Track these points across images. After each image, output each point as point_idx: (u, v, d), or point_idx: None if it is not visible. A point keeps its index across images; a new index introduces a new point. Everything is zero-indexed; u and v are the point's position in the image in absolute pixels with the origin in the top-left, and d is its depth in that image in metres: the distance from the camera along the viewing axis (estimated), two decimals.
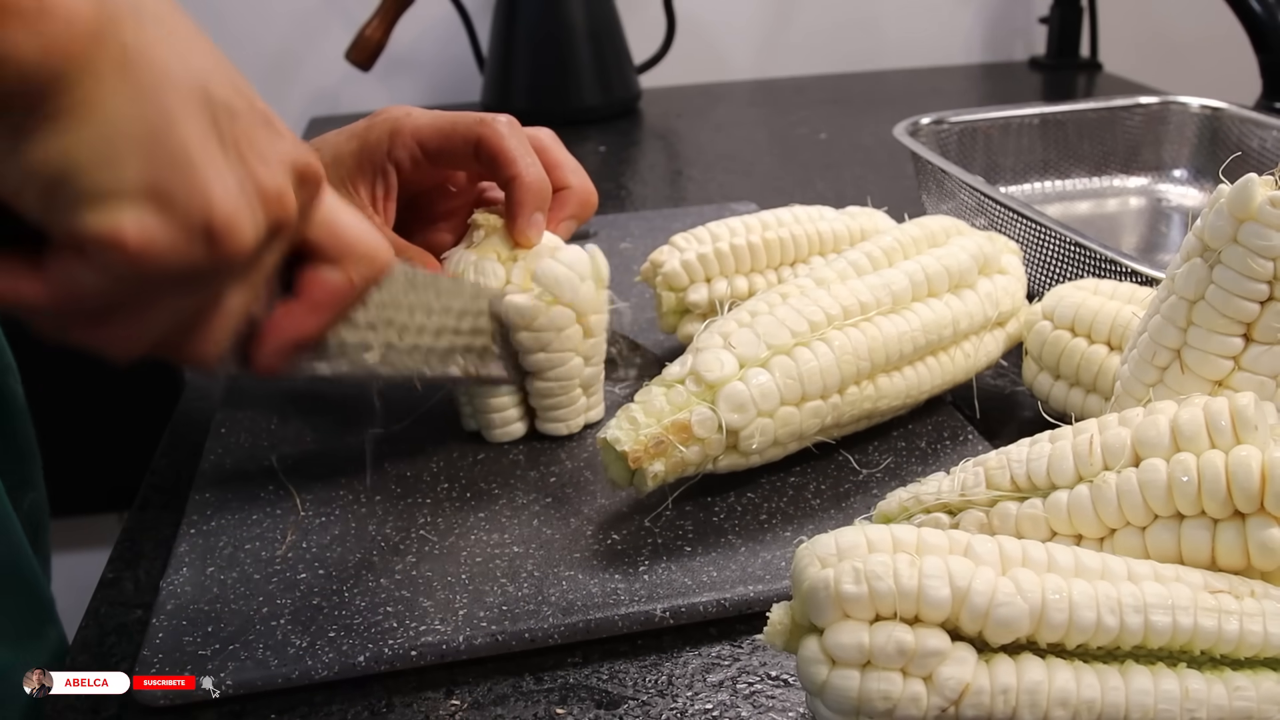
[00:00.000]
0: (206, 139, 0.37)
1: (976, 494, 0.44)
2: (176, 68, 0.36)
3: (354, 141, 0.61)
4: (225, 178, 0.37)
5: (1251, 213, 0.43)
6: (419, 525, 0.55)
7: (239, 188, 0.38)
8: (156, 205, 0.36)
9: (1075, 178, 1.02)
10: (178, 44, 0.37)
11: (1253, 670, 0.37)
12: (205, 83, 0.37)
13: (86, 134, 0.35)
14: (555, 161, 0.62)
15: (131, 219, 0.35)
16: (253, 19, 1.47)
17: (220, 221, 0.37)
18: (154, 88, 0.36)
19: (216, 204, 0.37)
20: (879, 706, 0.35)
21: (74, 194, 0.35)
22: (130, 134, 0.35)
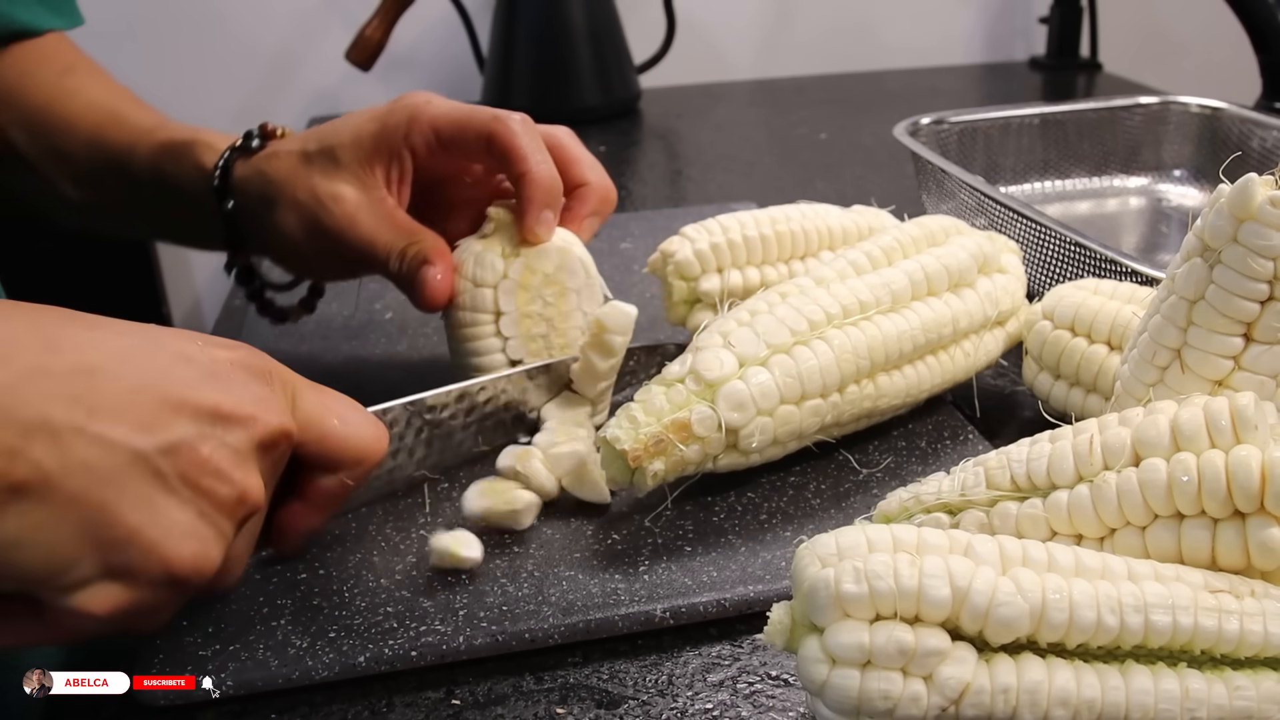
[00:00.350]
0: (150, 500, 0.38)
1: (977, 494, 0.44)
2: (98, 455, 0.37)
3: (374, 124, 0.62)
4: (177, 525, 0.39)
5: (1251, 212, 0.43)
6: (419, 525, 0.55)
7: (196, 521, 0.40)
8: (118, 580, 0.39)
9: (1075, 178, 1.02)
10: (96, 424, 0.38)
11: (1253, 670, 0.37)
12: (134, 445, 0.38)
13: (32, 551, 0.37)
14: (572, 158, 0.63)
15: (98, 597, 0.38)
16: (253, 19, 1.47)
17: (181, 569, 0.39)
18: (81, 492, 0.37)
19: (172, 558, 0.39)
20: (879, 706, 0.35)
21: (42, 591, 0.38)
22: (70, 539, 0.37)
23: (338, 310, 0.80)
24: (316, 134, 0.64)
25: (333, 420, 0.47)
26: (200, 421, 0.40)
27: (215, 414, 0.40)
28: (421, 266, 0.60)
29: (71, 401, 0.37)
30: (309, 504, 0.48)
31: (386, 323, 0.78)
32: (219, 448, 0.40)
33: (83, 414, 0.37)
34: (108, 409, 0.38)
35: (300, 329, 0.77)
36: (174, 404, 0.39)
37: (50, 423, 0.37)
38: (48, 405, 0.37)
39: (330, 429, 0.47)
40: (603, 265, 0.86)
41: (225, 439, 0.40)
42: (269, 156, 0.64)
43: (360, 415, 0.49)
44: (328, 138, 0.63)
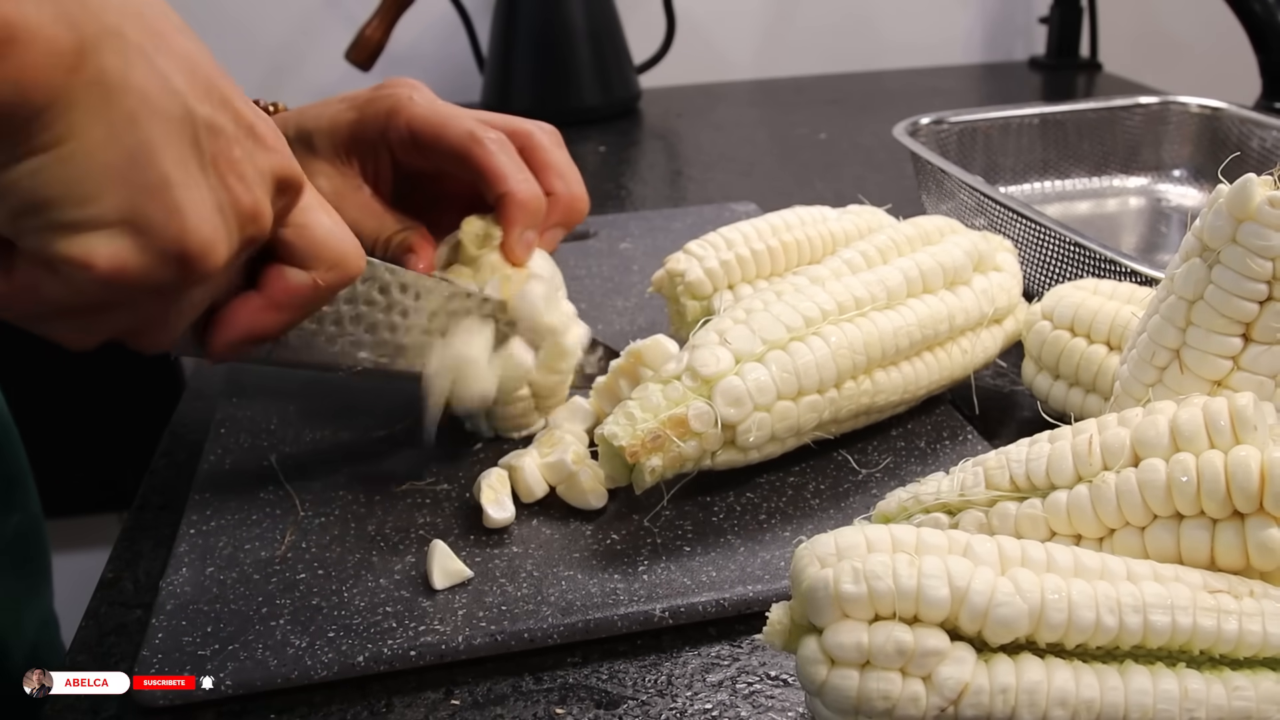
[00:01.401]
0: (186, 163, 0.37)
1: (976, 494, 0.44)
2: (157, 91, 0.36)
3: (352, 113, 0.60)
4: (202, 202, 0.38)
5: (1250, 213, 0.43)
6: (418, 525, 0.55)
7: (216, 209, 0.39)
8: (132, 233, 0.37)
9: (1075, 178, 1.02)
10: (162, 62, 0.37)
11: (1251, 670, 0.37)
12: (188, 102, 0.37)
13: (65, 167, 0.35)
14: (543, 164, 0.61)
15: (104, 246, 0.36)
16: (253, 18, 1.47)
17: (195, 247, 0.38)
18: (133, 117, 0.36)
19: (191, 230, 0.37)
20: (878, 706, 0.35)
21: (47, 222, 0.35)
22: (108, 166, 0.35)
23: None
24: (296, 118, 0.62)
25: (323, 214, 0.46)
26: (240, 127, 0.40)
27: (251, 130, 0.40)
28: (405, 255, 0.59)
29: (147, 29, 0.37)
30: (267, 297, 0.46)
31: None
32: (247, 158, 0.40)
33: (154, 44, 0.37)
34: (175, 58, 0.37)
35: None
36: (224, 97, 0.39)
37: (124, 35, 0.36)
38: (125, 21, 0.36)
39: (319, 219, 0.45)
40: (603, 265, 0.86)
41: (254, 155, 0.40)
42: None
43: (347, 229, 0.47)
44: (306, 123, 0.61)
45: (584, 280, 0.83)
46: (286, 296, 0.46)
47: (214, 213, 0.39)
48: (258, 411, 0.66)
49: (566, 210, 0.61)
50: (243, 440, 0.63)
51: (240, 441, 0.63)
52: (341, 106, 0.61)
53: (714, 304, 0.65)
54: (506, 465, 0.57)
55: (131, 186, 0.36)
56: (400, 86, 0.61)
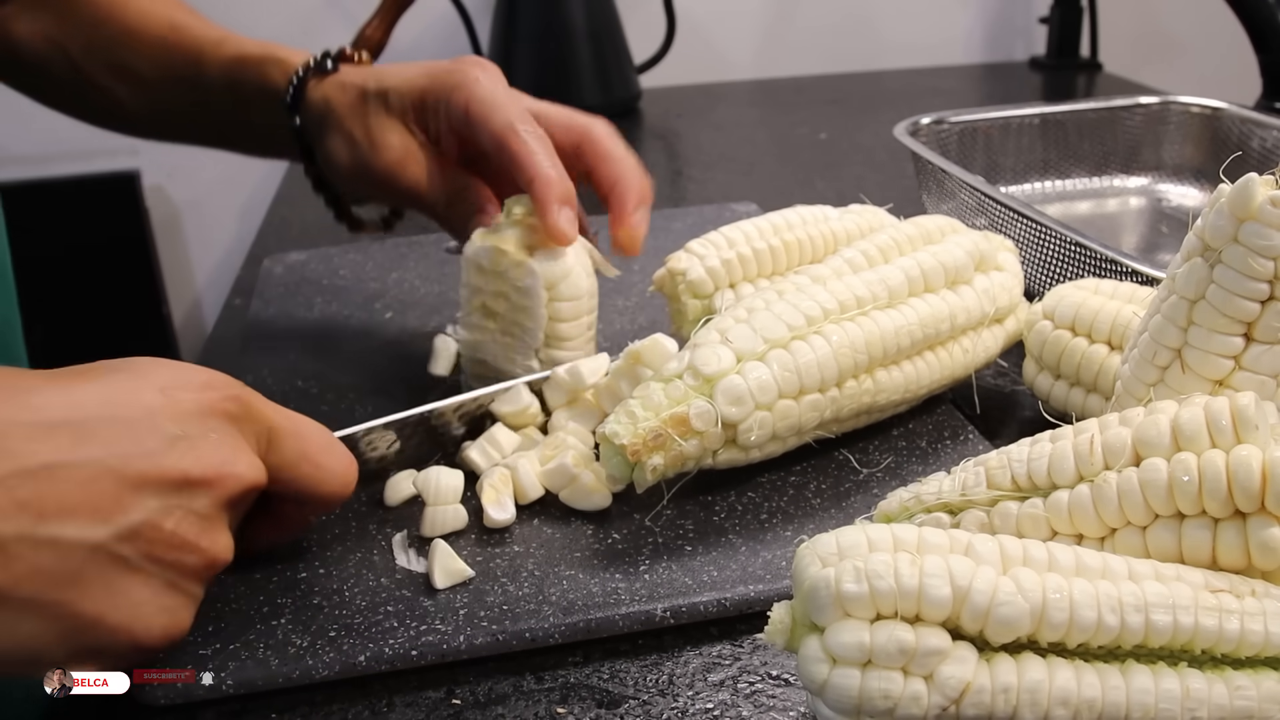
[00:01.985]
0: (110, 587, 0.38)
1: (977, 493, 0.44)
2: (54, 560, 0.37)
3: (423, 80, 0.64)
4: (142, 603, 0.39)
5: (1252, 212, 0.43)
6: (419, 525, 0.55)
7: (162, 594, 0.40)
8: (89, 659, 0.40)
9: (1075, 178, 1.02)
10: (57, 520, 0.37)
11: (1254, 669, 0.37)
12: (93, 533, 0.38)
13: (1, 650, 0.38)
14: (603, 154, 0.65)
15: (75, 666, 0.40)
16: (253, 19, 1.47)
17: (150, 643, 0.40)
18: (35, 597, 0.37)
19: (140, 635, 0.40)
20: (880, 705, 0.35)
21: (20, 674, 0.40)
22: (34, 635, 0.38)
23: (337, 310, 0.80)
24: (379, 73, 0.66)
25: (305, 467, 0.46)
26: (165, 494, 0.39)
27: (181, 482, 0.40)
28: (474, 215, 0.63)
29: (18, 510, 0.36)
30: (277, 524, 0.50)
31: (386, 322, 0.78)
32: (184, 517, 0.40)
33: (30, 521, 0.37)
34: (59, 508, 0.37)
35: (299, 328, 0.77)
36: (135, 483, 0.39)
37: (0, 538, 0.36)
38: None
39: (303, 474, 0.46)
40: None
41: (191, 505, 0.40)
42: (337, 84, 0.66)
43: (331, 456, 0.48)
44: (387, 80, 0.65)
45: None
46: (292, 522, 0.50)
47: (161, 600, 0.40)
48: None
49: (640, 192, 0.65)
50: None
51: None
52: (416, 72, 0.65)
53: (715, 303, 0.65)
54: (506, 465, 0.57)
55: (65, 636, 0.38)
56: (473, 66, 0.64)
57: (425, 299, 0.81)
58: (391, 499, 0.56)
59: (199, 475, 0.40)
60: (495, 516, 0.54)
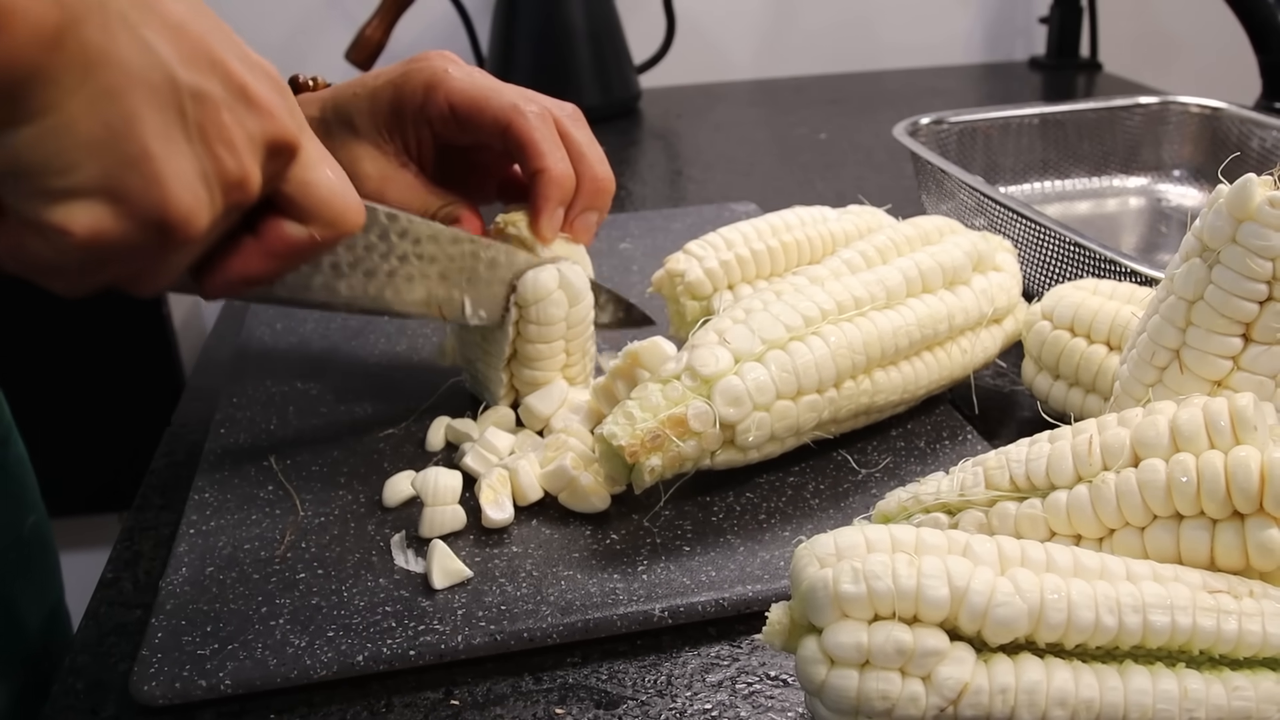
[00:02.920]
0: (168, 132, 0.38)
1: (975, 494, 0.44)
2: (139, 63, 0.37)
3: (389, 89, 0.60)
4: (184, 171, 0.38)
5: (1250, 213, 0.43)
6: (418, 525, 0.55)
7: (199, 178, 0.39)
8: (111, 202, 0.37)
9: (1075, 178, 1.02)
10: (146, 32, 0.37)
11: (1251, 670, 0.37)
12: (172, 71, 0.38)
13: (45, 139, 0.36)
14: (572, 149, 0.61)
15: (83, 214, 0.37)
16: (253, 18, 1.47)
17: (175, 216, 0.38)
18: (113, 90, 0.36)
19: (172, 200, 0.38)
20: (878, 706, 0.35)
21: (30, 189, 0.36)
22: (89, 137, 0.36)
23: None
24: (334, 98, 0.62)
25: (326, 170, 0.46)
26: (230, 91, 0.40)
27: (243, 92, 0.40)
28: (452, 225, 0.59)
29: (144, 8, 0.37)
30: (263, 246, 0.46)
31: (386, 323, 0.78)
32: (237, 124, 0.40)
33: (139, 13, 0.37)
34: (162, 28, 0.38)
35: (300, 329, 0.77)
36: (214, 60, 0.39)
37: (108, 8, 0.36)
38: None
39: (320, 176, 0.45)
40: (602, 265, 0.86)
41: (244, 120, 0.40)
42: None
43: (349, 184, 0.47)
44: (345, 103, 0.61)
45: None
46: (283, 247, 0.46)
47: (196, 181, 0.39)
48: (258, 412, 0.66)
49: (592, 193, 0.62)
50: (243, 440, 0.63)
51: (240, 442, 0.63)
52: (378, 84, 0.61)
53: (714, 304, 0.65)
54: (505, 466, 0.57)
55: (111, 158, 0.37)
56: (434, 59, 0.61)
57: None
58: (390, 500, 0.56)
59: (257, 97, 0.41)
60: (493, 517, 0.54)
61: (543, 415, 0.61)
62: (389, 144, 0.61)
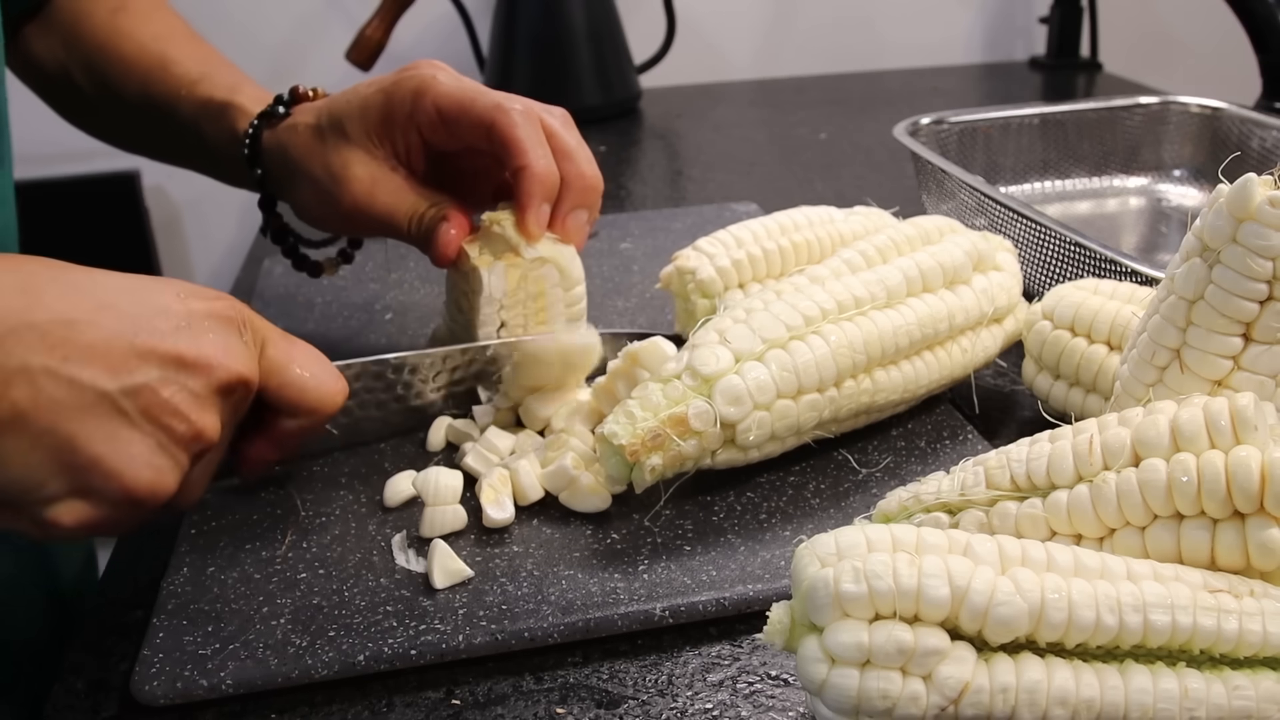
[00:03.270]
0: (112, 433, 0.43)
1: (976, 493, 0.44)
2: (70, 396, 0.42)
3: (380, 96, 0.62)
4: (136, 457, 0.44)
5: (1251, 212, 0.43)
6: (419, 524, 0.55)
7: (154, 452, 0.45)
8: (84, 498, 0.44)
9: (1075, 178, 1.02)
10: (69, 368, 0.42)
11: (1252, 669, 0.38)
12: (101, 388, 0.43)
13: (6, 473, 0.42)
14: (555, 148, 0.62)
15: (66, 511, 0.44)
16: (253, 19, 1.47)
17: (141, 493, 0.44)
18: (49, 427, 0.42)
19: (132, 485, 0.44)
20: (878, 705, 0.35)
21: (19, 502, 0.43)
22: (43, 463, 0.42)
23: (337, 311, 0.80)
24: (329, 106, 0.64)
25: (294, 369, 0.51)
26: (165, 367, 0.45)
27: (179, 361, 0.45)
28: (438, 224, 0.62)
29: (49, 349, 0.42)
30: (270, 440, 0.53)
31: (386, 323, 0.78)
32: (179, 391, 0.45)
33: (58, 359, 0.42)
34: (80, 355, 0.43)
35: (300, 329, 0.77)
36: (141, 352, 0.44)
37: (28, 368, 0.42)
38: (28, 353, 0.42)
39: (291, 378, 0.51)
40: (603, 265, 0.86)
41: (186, 383, 0.45)
42: (289, 128, 0.65)
43: (322, 367, 0.53)
44: (338, 110, 0.63)
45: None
46: (284, 436, 0.53)
47: (152, 457, 0.44)
48: None
49: (580, 192, 0.63)
50: None
51: None
52: (370, 91, 0.63)
53: (721, 302, 0.65)
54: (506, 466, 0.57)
55: (68, 470, 0.43)
56: (424, 67, 0.63)
57: (425, 299, 0.81)
58: (391, 500, 0.56)
59: (194, 358, 0.45)
60: (494, 516, 0.54)
61: (543, 416, 0.61)
62: (379, 149, 0.63)
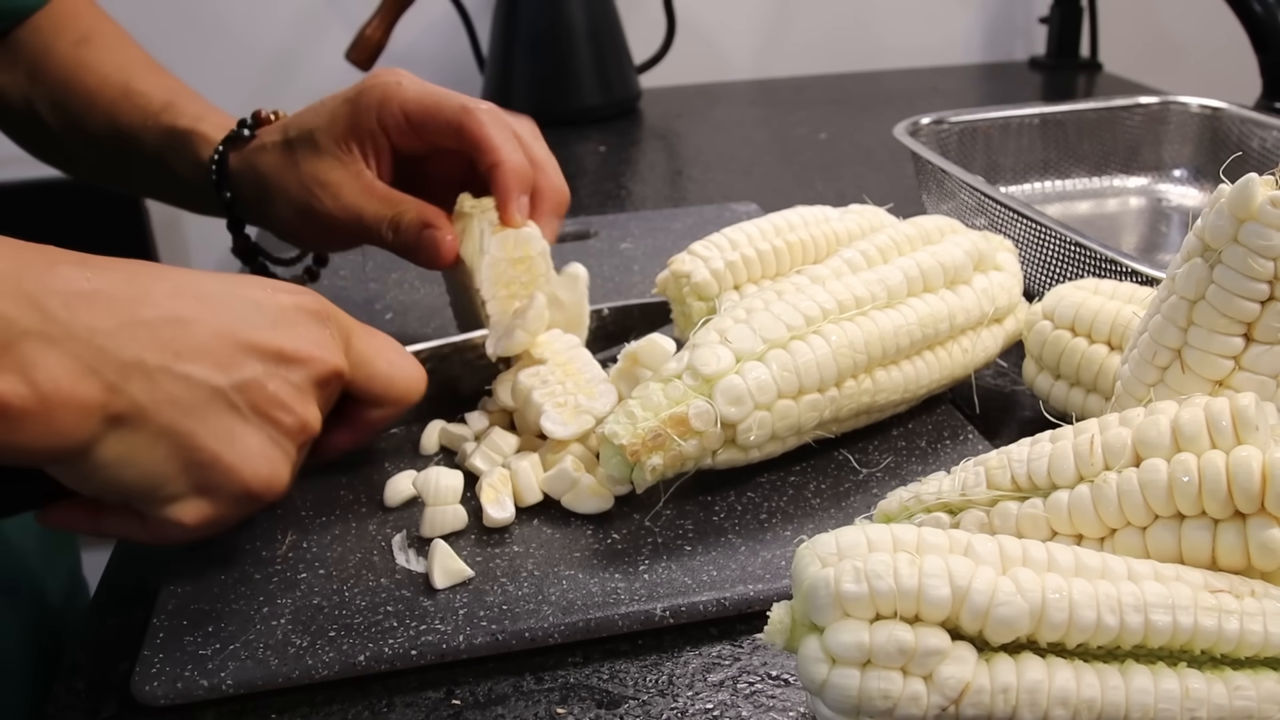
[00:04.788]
0: (228, 429, 0.45)
1: (977, 493, 0.44)
2: (183, 393, 0.44)
3: (346, 106, 0.64)
4: (252, 451, 0.46)
5: (1252, 212, 0.43)
6: (419, 524, 0.55)
7: (267, 445, 0.46)
8: (204, 495, 0.46)
9: (1075, 178, 1.02)
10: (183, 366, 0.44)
11: (1253, 670, 0.37)
12: (214, 383, 0.44)
13: (127, 471, 0.43)
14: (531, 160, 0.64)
15: (188, 510, 0.46)
16: (253, 19, 1.47)
17: (256, 488, 0.46)
18: (168, 424, 0.43)
19: (250, 480, 0.46)
20: (879, 705, 0.35)
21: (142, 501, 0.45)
22: (162, 462, 0.44)
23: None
24: (297, 121, 0.66)
25: (381, 362, 0.52)
26: (268, 362, 0.46)
27: (280, 356, 0.46)
28: (423, 230, 0.63)
29: (162, 346, 0.43)
30: (353, 429, 0.54)
31: (386, 323, 0.78)
32: (283, 384, 0.46)
33: (171, 356, 0.43)
34: (191, 352, 0.44)
35: None
36: (246, 347, 0.46)
37: (144, 364, 0.43)
38: (142, 349, 0.43)
39: (378, 370, 0.52)
40: (603, 265, 0.86)
41: (289, 377, 0.47)
42: (258, 149, 0.66)
43: (405, 358, 0.54)
44: (307, 123, 0.65)
45: None
46: (367, 427, 0.54)
47: (266, 450, 0.46)
48: None
49: (555, 204, 0.65)
50: None
51: None
52: (336, 102, 0.65)
53: (719, 305, 0.65)
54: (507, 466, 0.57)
55: (187, 468, 0.44)
56: (388, 75, 0.65)
57: (425, 299, 0.81)
58: (391, 500, 0.56)
59: (293, 351, 0.47)
60: (495, 515, 0.54)
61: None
62: (349, 155, 0.64)
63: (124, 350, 0.42)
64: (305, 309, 0.49)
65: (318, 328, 0.49)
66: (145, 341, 0.43)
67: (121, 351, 0.42)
